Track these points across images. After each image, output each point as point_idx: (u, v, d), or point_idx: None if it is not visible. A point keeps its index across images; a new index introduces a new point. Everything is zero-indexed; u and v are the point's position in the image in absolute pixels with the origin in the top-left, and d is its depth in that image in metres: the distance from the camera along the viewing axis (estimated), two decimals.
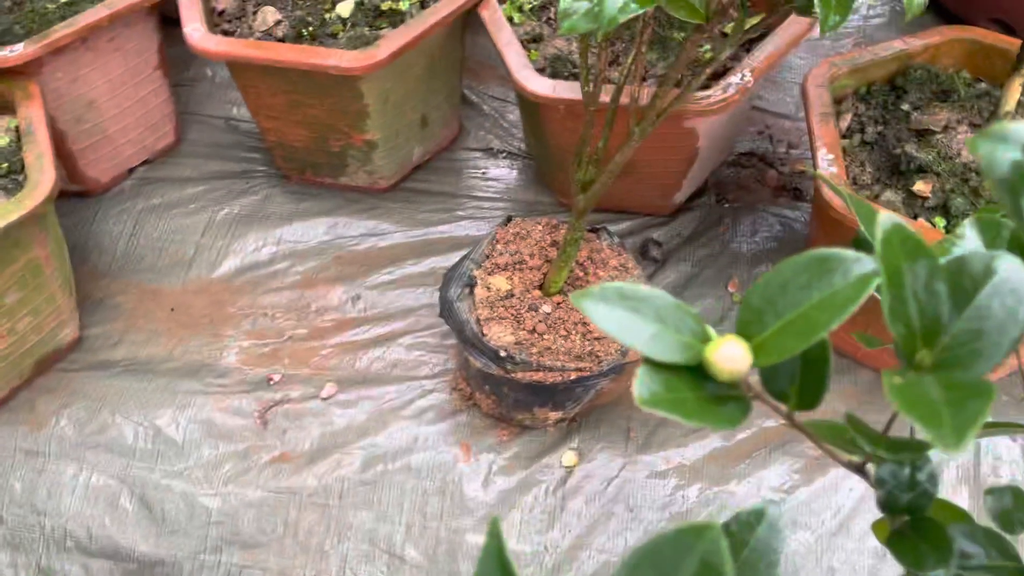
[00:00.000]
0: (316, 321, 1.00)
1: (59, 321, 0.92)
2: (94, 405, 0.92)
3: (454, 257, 1.04)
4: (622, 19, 0.52)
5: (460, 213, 1.10)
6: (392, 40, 0.92)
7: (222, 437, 0.90)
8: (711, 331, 0.32)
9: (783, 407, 0.32)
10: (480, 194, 1.12)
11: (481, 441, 0.90)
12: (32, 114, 0.87)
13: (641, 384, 0.30)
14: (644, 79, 0.92)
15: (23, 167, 0.84)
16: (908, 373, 0.28)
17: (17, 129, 0.88)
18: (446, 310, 0.85)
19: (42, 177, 0.82)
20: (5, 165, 0.86)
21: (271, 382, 0.95)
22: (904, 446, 0.31)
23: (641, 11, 0.52)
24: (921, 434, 0.26)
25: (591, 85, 0.72)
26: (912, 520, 0.33)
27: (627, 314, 0.31)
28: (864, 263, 0.29)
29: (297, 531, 0.86)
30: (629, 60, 0.75)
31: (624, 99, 0.75)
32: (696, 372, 0.31)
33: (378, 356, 0.97)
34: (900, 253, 0.28)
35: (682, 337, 0.31)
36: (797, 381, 0.32)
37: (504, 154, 1.17)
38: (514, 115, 1.20)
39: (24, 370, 0.91)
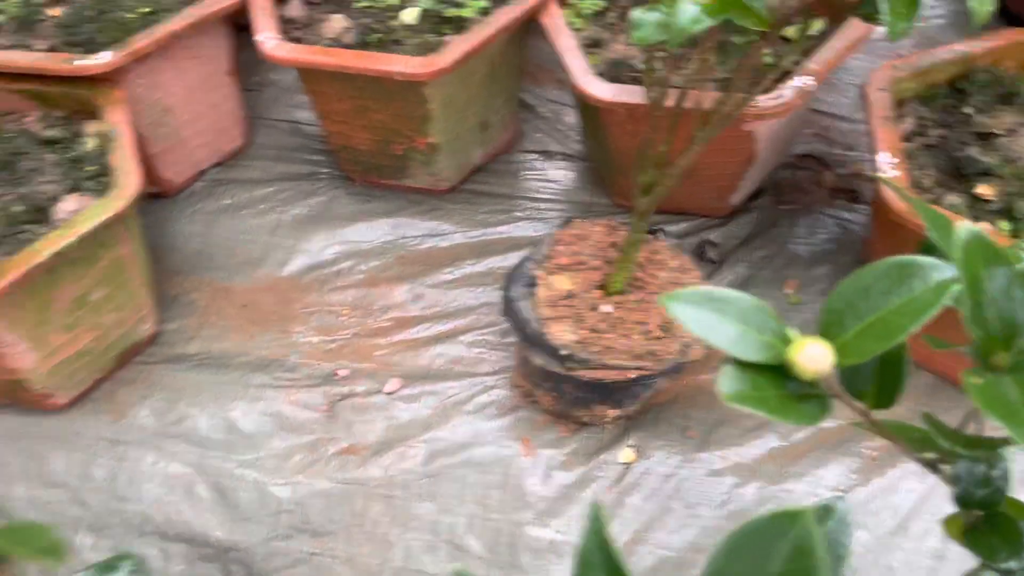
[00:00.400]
0: (380, 318, 1.03)
1: (139, 316, 0.96)
2: (171, 396, 0.96)
3: (512, 257, 1.06)
4: (693, 30, 0.54)
5: (518, 214, 1.12)
6: (456, 46, 0.95)
7: (292, 429, 0.94)
8: (792, 332, 0.34)
9: (861, 405, 0.34)
10: (537, 196, 1.14)
11: (540, 437, 0.93)
12: (118, 119, 0.92)
13: (727, 381, 0.32)
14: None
15: (110, 170, 0.89)
16: (986, 374, 0.30)
17: (103, 134, 0.93)
18: (508, 309, 0.87)
19: (128, 180, 0.86)
20: (93, 168, 0.90)
21: (337, 377, 0.98)
22: (980, 444, 0.33)
23: (712, 23, 0.54)
24: (997, 432, 0.27)
25: (657, 91, 0.74)
26: (986, 515, 0.35)
27: (712, 315, 0.33)
28: (943, 270, 0.30)
29: (364, 520, 0.89)
30: (694, 66, 0.76)
31: (687, 103, 0.76)
32: (778, 371, 0.33)
33: (440, 353, 1.00)
34: (980, 261, 0.30)
35: (764, 337, 0.33)
36: (875, 381, 0.34)
37: (561, 156, 1.19)
38: (571, 118, 1.22)
39: (107, 363, 0.96)
